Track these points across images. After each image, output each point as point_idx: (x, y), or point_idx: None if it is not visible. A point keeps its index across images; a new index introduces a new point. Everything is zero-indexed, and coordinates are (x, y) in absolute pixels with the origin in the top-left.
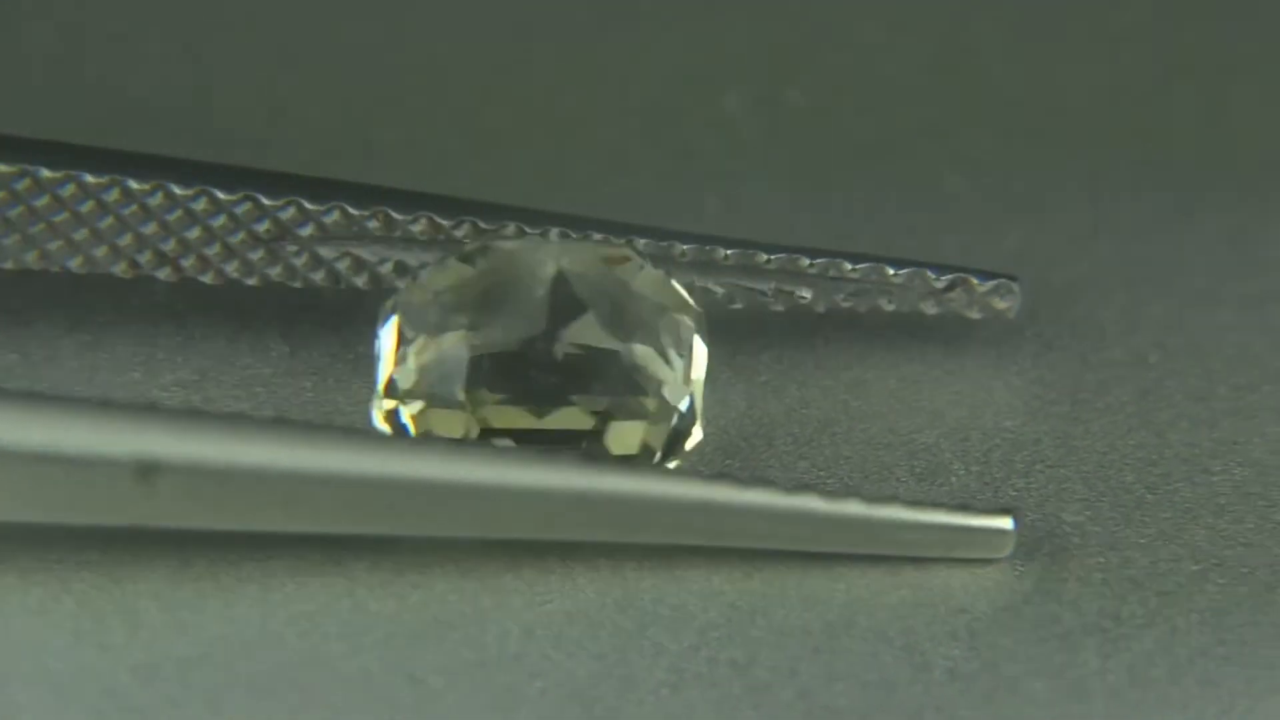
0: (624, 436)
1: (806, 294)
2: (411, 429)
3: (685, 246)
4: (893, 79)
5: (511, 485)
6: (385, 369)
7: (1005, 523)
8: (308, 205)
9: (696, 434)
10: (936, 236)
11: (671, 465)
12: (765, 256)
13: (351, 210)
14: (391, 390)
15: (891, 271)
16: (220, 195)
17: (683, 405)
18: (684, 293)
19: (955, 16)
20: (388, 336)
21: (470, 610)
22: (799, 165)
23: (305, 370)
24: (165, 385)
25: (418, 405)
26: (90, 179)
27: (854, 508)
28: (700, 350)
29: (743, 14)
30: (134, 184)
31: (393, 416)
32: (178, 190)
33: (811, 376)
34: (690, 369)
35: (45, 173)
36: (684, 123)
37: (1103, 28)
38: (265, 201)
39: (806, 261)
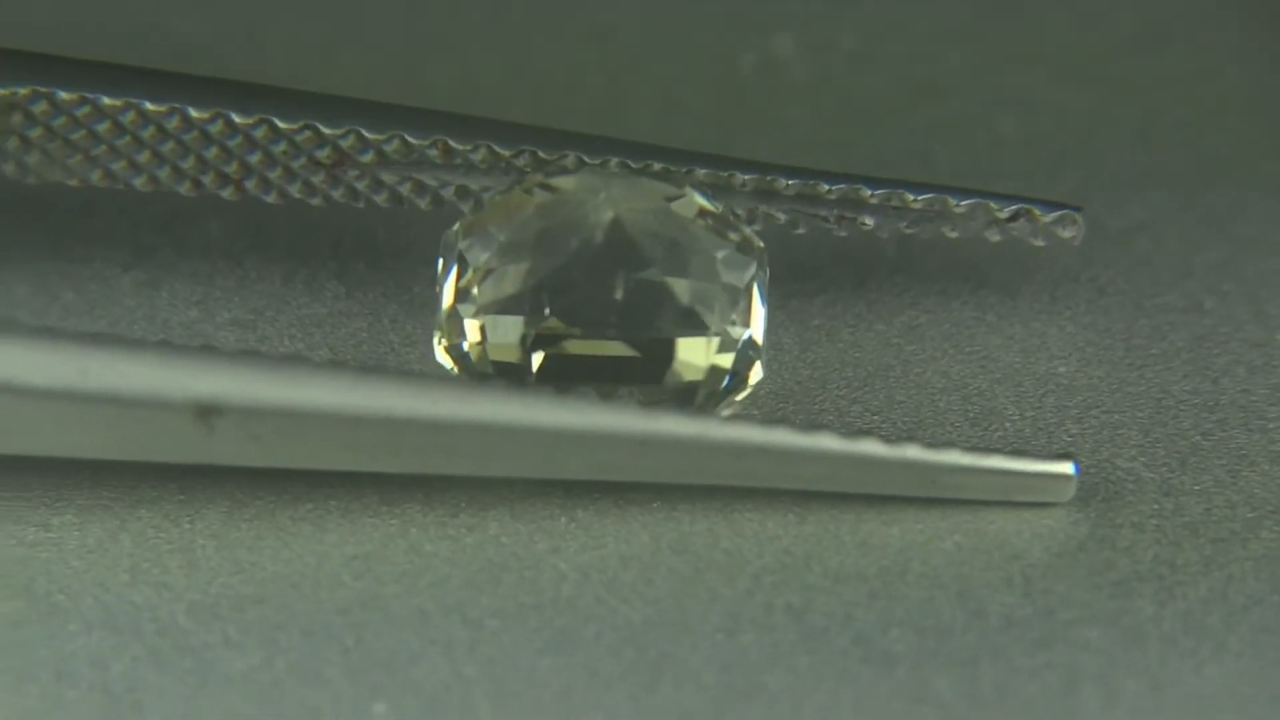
0: (686, 370)
1: (869, 221)
2: (473, 358)
3: (745, 176)
4: (945, 20)
5: (568, 428)
6: (447, 298)
7: (1066, 468)
8: (367, 134)
9: (758, 371)
10: (989, 180)
11: (738, 398)
12: (826, 186)
13: (411, 139)
14: (453, 319)
15: (954, 202)
16: (280, 124)
17: (743, 339)
18: (745, 228)
19: None
20: (449, 268)
21: (525, 553)
22: (851, 108)
23: (360, 311)
24: (221, 324)
25: (478, 335)
26: (150, 106)
27: (914, 453)
28: (760, 287)
29: None
30: (194, 112)
31: (455, 347)
32: (237, 119)
33: (864, 321)
34: (750, 305)
35: (106, 100)
36: (737, 62)
37: None
38: (325, 130)
39: (868, 191)
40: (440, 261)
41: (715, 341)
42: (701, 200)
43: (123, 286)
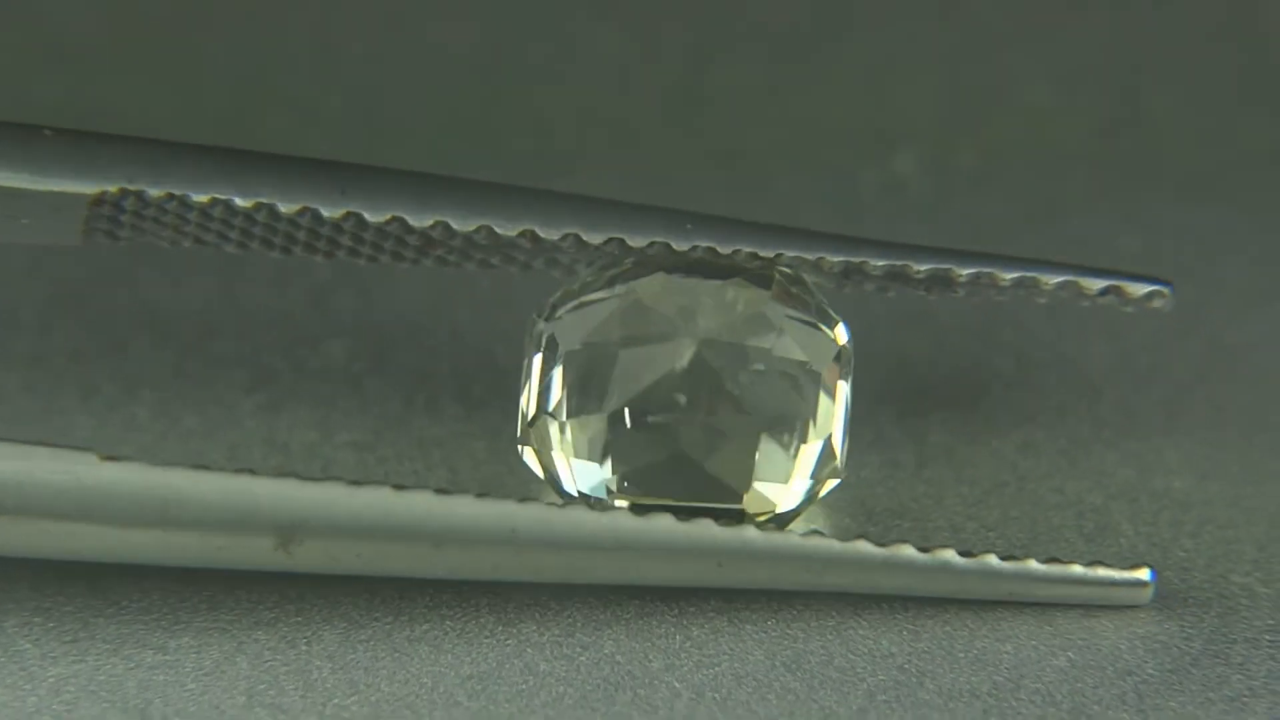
0: (768, 472)
1: (960, 291)
2: (556, 462)
3: (835, 259)
4: (1062, 141)
5: (647, 548)
6: (531, 401)
7: (1143, 574)
8: (455, 226)
9: (838, 472)
10: None
11: (818, 497)
12: (917, 267)
13: (498, 230)
14: (537, 422)
15: (1045, 279)
16: (368, 218)
17: (822, 441)
18: (829, 322)
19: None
20: (531, 369)
21: (640, 672)
22: (969, 225)
23: (479, 432)
24: (341, 446)
25: (561, 441)
26: (240, 203)
27: (991, 563)
28: (842, 394)
29: (919, 76)
30: (283, 208)
31: (540, 451)
32: (326, 214)
33: (981, 437)
34: (833, 408)
35: (194, 198)
36: (856, 178)
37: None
38: (411, 223)
39: (959, 270)
40: (525, 360)
41: (796, 448)
42: (785, 302)
43: (244, 409)
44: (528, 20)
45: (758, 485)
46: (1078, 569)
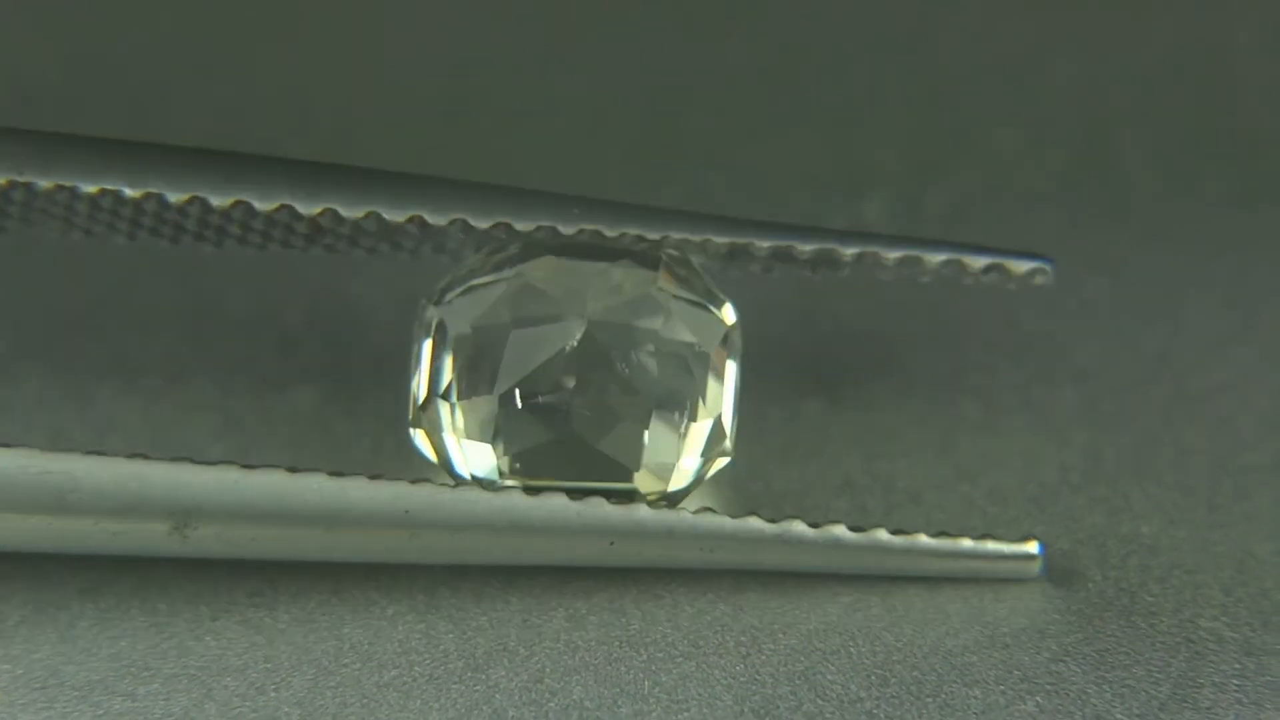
0: (658, 454)
1: (845, 271)
2: (449, 446)
3: (721, 240)
4: (1029, 185)
5: (540, 527)
6: (422, 386)
7: (1031, 548)
8: (342, 212)
9: (727, 451)
10: (1069, 340)
11: (707, 476)
12: (802, 247)
13: (386, 216)
14: (429, 407)
15: (930, 258)
16: (257, 206)
17: (710, 423)
18: (716, 304)
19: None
20: (421, 356)
21: (608, 718)
22: None
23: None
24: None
25: (453, 425)
26: (129, 193)
27: (881, 537)
28: (731, 373)
29: (887, 119)
30: (171, 198)
31: (432, 434)
32: (215, 202)
33: (948, 483)
34: (721, 389)
35: (83, 189)
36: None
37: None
38: (300, 210)
39: (844, 250)
40: (414, 345)
41: (686, 428)
42: (673, 284)
43: (212, 455)
44: (495, 63)
45: (648, 465)
46: (967, 543)
